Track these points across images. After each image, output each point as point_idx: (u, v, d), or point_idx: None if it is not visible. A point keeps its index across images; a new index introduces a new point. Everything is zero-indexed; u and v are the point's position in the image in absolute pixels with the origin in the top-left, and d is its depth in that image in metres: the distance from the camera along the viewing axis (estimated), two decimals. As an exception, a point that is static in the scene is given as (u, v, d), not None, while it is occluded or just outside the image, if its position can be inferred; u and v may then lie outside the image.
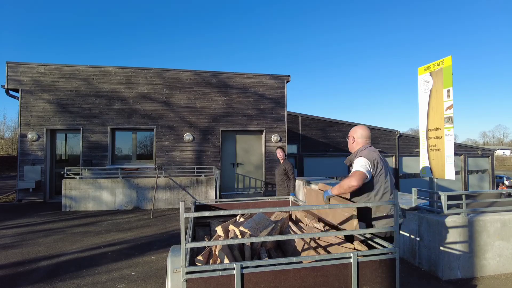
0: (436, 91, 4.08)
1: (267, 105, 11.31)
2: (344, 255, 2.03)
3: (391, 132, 19.61)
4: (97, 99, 10.18)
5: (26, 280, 3.90)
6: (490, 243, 3.87)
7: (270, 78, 11.37)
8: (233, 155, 11.28)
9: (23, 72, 9.81)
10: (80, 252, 4.94)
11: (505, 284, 3.63)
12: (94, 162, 9.99)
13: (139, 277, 3.95)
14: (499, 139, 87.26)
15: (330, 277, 1.94)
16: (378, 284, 2.02)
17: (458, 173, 21.38)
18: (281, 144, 11.31)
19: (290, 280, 1.89)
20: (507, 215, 3.94)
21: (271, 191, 11.16)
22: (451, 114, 3.88)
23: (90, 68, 10.21)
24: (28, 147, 9.73)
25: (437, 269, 3.81)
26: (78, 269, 4.25)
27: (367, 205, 2.36)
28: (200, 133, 10.78)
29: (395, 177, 19.44)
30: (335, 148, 18.18)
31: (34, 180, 9.56)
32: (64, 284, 3.77)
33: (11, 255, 4.82)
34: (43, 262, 4.52)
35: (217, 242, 2.08)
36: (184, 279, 1.80)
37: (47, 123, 9.87)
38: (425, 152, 4.31)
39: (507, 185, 31.25)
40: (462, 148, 21.98)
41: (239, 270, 1.83)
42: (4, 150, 32.76)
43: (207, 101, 10.88)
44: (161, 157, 10.46)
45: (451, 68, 3.87)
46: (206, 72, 10.95)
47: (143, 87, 10.48)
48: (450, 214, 3.90)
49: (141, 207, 8.61)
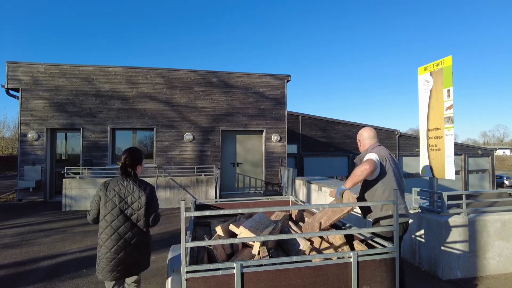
0: (436, 91, 4.08)
1: (267, 105, 11.31)
2: (344, 254, 2.03)
3: (391, 131, 19.61)
4: (97, 99, 10.18)
5: (27, 280, 3.90)
6: (490, 243, 3.87)
7: (271, 77, 11.37)
8: (233, 155, 11.28)
9: (23, 71, 9.81)
10: (80, 252, 4.94)
11: (505, 284, 3.63)
12: (94, 162, 9.99)
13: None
14: (499, 139, 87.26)
15: (330, 276, 1.94)
16: (378, 283, 2.03)
17: (458, 172, 21.37)
18: (282, 143, 11.31)
19: (290, 279, 1.89)
20: (507, 215, 3.95)
21: (271, 191, 11.17)
22: (451, 114, 3.88)
23: (90, 67, 10.20)
24: (28, 147, 9.73)
25: (437, 269, 3.81)
26: (78, 268, 4.25)
27: (368, 204, 2.36)
28: (200, 133, 10.78)
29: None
30: (335, 147, 18.18)
31: (34, 179, 9.56)
32: (64, 284, 3.78)
33: (11, 255, 4.82)
34: (44, 262, 4.52)
35: (217, 241, 2.08)
36: (184, 278, 1.80)
37: (47, 122, 9.87)
38: (425, 152, 4.30)
39: (507, 185, 31.26)
40: (462, 148, 21.97)
41: (239, 269, 1.83)
42: (4, 150, 32.77)
43: (208, 100, 10.88)
44: (161, 157, 10.46)
45: (451, 68, 3.87)
46: (207, 71, 10.95)
47: (143, 86, 10.48)
48: (450, 214, 3.90)
49: (141, 206, 8.59)
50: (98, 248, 2.50)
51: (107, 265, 2.44)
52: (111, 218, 2.46)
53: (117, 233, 2.45)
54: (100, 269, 2.46)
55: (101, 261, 2.46)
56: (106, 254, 2.44)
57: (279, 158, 11.33)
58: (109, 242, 2.44)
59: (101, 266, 2.46)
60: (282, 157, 11.34)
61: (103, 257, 2.45)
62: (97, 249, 2.51)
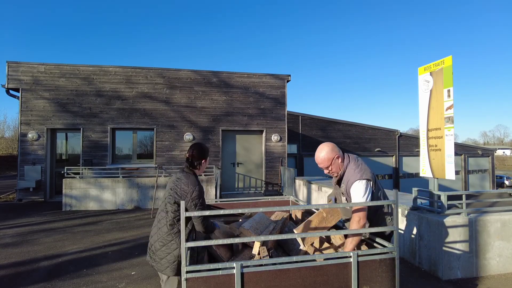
0: (437, 91, 4.07)
1: (268, 105, 11.31)
2: (344, 254, 2.03)
3: (392, 131, 19.60)
4: (98, 99, 10.18)
5: (27, 280, 3.90)
6: (490, 243, 3.87)
7: (271, 77, 11.37)
8: (233, 155, 11.28)
9: (23, 71, 9.81)
10: (81, 252, 4.94)
11: (505, 284, 3.63)
12: (95, 162, 9.99)
13: (139, 277, 3.95)
14: (500, 139, 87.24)
15: (330, 276, 1.95)
16: (378, 283, 2.03)
17: (458, 172, 21.37)
18: (282, 143, 11.31)
19: (290, 279, 1.89)
20: (507, 215, 3.94)
21: (272, 191, 11.17)
22: (451, 114, 3.88)
23: (91, 67, 10.21)
24: (29, 147, 9.73)
25: (437, 269, 3.81)
26: (79, 268, 4.25)
27: (368, 204, 2.36)
28: (200, 133, 10.78)
29: (395, 176, 19.44)
30: (335, 147, 18.14)
31: (35, 179, 9.56)
32: (65, 284, 3.78)
33: (11, 254, 4.82)
34: (44, 261, 4.52)
35: (217, 241, 2.08)
36: (184, 278, 1.80)
37: (48, 122, 9.87)
38: (425, 152, 4.30)
39: (507, 185, 31.25)
40: (462, 148, 21.97)
41: (239, 269, 1.83)
42: (5, 150, 32.78)
43: (208, 100, 10.88)
44: (162, 157, 10.46)
45: (452, 68, 3.86)
46: (207, 71, 10.95)
47: (143, 86, 10.48)
48: (450, 214, 3.90)
49: (141, 206, 8.61)
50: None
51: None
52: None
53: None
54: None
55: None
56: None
57: (279, 158, 11.33)
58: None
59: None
60: (282, 157, 11.34)
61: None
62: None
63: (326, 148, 2.49)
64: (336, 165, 2.46)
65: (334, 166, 2.45)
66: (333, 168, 2.46)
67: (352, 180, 2.38)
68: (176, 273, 2.16)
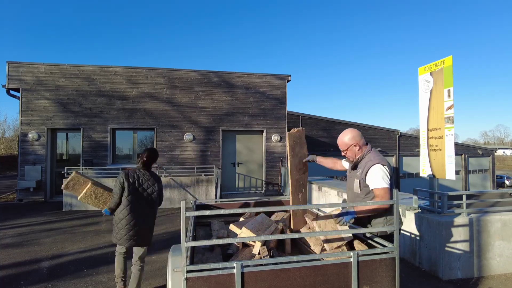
0: (437, 91, 4.08)
1: (268, 105, 11.32)
2: (344, 254, 2.03)
3: (392, 131, 19.58)
4: (98, 99, 10.19)
5: (27, 280, 3.91)
6: (491, 243, 3.87)
7: (271, 77, 11.37)
8: (233, 155, 11.29)
9: (24, 71, 9.82)
10: (81, 252, 4.95)
11: (506, 284, 3.63)
12: (95, 162, 10.00)
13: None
14: (500, 139, 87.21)
15: (331, 276, 1.95)
16: (378, 283, 2.03)
17: (458, 172, 21.35)
18: (282, 143, 11.31)
19: (290, 279, 1.89)
20: (507, 215, 3.94)
21: (272, 191, 11.17)
22: (452, 114, 3.88)
23: (91, 67, 10.21)
24: (29, 147, 9.74)
25: (437, 269, 3.81)
26: (79, 269, 4.26)
27: (367, 203, 2.36)
28: (201, 133, 10.79)
29: (395, 176, 19.44)
30: (335, 147, 18.02)
31: (35, 179, 9.57)
32: (65, 284, 3.78)
33: (12, 255, 4.83)
34: (44, 262, 4.53)
35: (217, 241, 2.08)
36: (184, 278, 1.80)
37: (48, 122, 9.88)
38: (425, 152, 4.31)
39: (507, 185, 31.24)
40: (462, 148, 21.95)
41: (239, 269, 1.83)
42: (5, 150, 32.79)
43: (208, 100, 10.89)
44: (162, 157, 10.46)
45: (452, 68, 3.87)
46: (207, 71, 10.95)
47: (144, 86, 10.49)
48: (451, 214, 3.90)
49: (141, 206, 8.60)
50: (117, 221, 3.24)
51: (125, 234, 3.20)
52: (132, 198, 3.24)
53: (136, 210, 3.24)
54: (119, 236, 3.21)
55: (120, 231, 3.21)
56: (125, 225, 3.19)
57: (280, 158, 11.33)
58: (130, 217, 3.20)
59: (120, 234, 3.21)
60: (282, 157, 11.34)
61: (123, 227, 3.20)
62: (115, 222, 3.25)
63: (349, 134, 2.67)
64: (352, 152, 2.64)
65: (350, 152, 2.65)
66: (348, 153, 2.67)
67: (370, 164, 2.47)
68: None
